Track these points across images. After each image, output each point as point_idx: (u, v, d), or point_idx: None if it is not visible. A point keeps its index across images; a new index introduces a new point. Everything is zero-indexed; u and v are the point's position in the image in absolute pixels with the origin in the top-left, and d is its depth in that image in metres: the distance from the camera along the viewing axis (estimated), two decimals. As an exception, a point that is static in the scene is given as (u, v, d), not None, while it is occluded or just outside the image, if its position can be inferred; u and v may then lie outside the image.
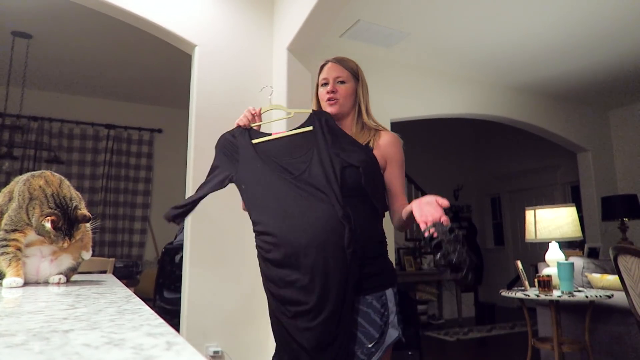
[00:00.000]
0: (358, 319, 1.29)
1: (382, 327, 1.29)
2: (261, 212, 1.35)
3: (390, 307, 1.32)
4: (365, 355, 1.27)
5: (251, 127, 1.51)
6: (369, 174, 1.34)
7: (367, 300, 1.31)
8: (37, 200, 1.07)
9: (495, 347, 4.67)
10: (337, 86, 1.50)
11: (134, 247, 5.64)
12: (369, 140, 1.46)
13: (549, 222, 3.11)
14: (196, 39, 2.87)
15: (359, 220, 1.28)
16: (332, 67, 1.53)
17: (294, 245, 1.24)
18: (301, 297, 1.23)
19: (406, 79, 4.36)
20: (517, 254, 7.29)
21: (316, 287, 1.22)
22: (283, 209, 1.30)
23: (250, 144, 1.43)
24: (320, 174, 1.30)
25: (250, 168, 1.40)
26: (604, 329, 3.02)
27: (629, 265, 2.37)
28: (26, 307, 0.72)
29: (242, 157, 1.43)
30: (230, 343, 2.66)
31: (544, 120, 5.24)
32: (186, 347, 0.40)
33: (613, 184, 5.68)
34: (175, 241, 3.62)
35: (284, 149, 1.41)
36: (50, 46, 4.28)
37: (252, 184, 1.39)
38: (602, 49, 4.19)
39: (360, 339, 1.28)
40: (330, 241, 1.22)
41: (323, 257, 1.22)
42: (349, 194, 1.30)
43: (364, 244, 1.29)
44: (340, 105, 1.49)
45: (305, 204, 1.28)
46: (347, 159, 1.34)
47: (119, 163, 5.70)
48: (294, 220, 1.27)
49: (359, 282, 1.27)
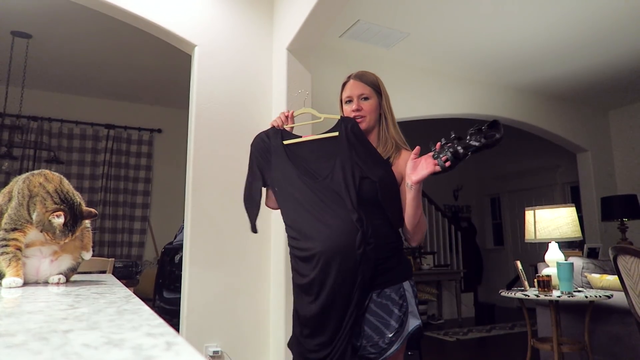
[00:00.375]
0: (378, 311, 1.39)
1: (401, 317, 1.38)
2: (292, 217, 1.48)
3: (409, 298, 1.42)
4: (387, 344, 1.36)
5: (284, 128, 1.61)
6: (385, 188, 1.43)
7: (385, 293, 1.40)
8: (38, 196, 1.07)
9: (494, 348, 4.67)
10: (361, 103, 1.57)
11: (133, 247, 5.63)
12: (390, 155, 1.54)
13: (549, 222, 3.12)
14: (196, 39, 2.86)
15: (374, 224, 1.39)
16: (354, 85, 1.60)
17: (314, 243, 1.38)
18: (314, 289, 1.39)
19: (406, 80, 4.36)
20: (516, 254, 7.29)
21: (327, 284, 1.36)
22: (306, 210, 1.43)
23: (281, 145, 1.55)
24: (341, 180, 1.41)
25: (281, 169, 1.52)
26: (603, 329, 3.03)
27: (628, 265, 2.37)
28: (26, 307, 0.72)
29: (274, 158, 1.55)
30: (229, 343, 2.66)
31: (544, 121, 5.25)
32: (186, 348, 0.40)
33: (612, 184, 5.68)
34: (174, 241, 3.62)
35: (312, 152, 1.52)
36: (49, 46, 4.28)
37: (283, 185, 1.51)
38: (602, 49, 4.20)
39: (380, 329, 1.38)
40: (343, 242, 1.35)
41: (336, 256, 1.34)
42: (366, 202, 1.41)
43: (378, 245, 1.38)
44: (366, 121, 1.57)
45: (324, 207, 1.41)
46: (367, 171, 1.43)
47: (118, 163, 5.70)
48: (314, 221, 1.40)
49: (374, 277, 1.38)
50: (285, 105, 2.81)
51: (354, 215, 1.35)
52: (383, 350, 1.36)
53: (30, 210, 1.06)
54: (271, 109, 3.02)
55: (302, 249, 1.43)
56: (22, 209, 1.06)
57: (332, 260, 1.35)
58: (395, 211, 1.47)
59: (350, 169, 1.42)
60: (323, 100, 3.71)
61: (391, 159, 1.53)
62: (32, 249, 1.09)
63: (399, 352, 1.39)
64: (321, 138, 1.53)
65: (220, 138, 2.84)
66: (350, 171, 1.41)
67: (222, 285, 2.70)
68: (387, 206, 1.44)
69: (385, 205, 1.43)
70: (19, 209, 1.06)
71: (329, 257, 1.35)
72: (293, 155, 1.52)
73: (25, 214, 1.06)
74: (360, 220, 1.35)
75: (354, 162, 1.44)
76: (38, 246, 1.10)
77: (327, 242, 1.36)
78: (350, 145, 1.47)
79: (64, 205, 1.08)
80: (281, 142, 1.55)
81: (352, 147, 1.47)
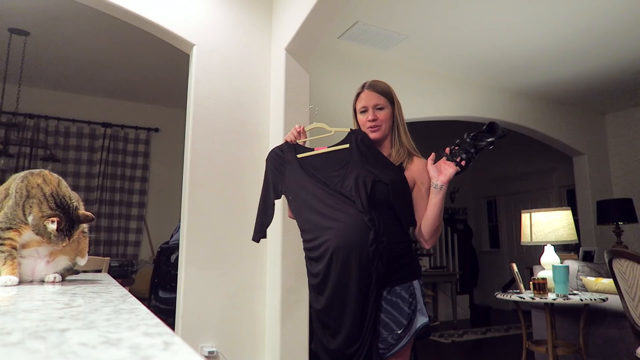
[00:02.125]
0: (388, 308, 1.45)
1: (410, 315, 1.44)
2: (305, 219, 1.56)
3: (418, 296, 1.48)
4: (395, 340, 1.42)
5: (297, 143, 1.70)
6: (397, 191, 1.50)
7: (396, 290, 1.46)
8: (35, 198, 1.06)
9: (489, 350, 4.68)
10: (376, 113, 1.64)
11: (129, 246, 5.62)
12: (403, 162, 1.61)
13: (545, 225, 3.13)
14: (194, 38, 2.86)
15: (386, 223, 1.45)
16: (369, 95, 1.66)
17: (327, 240, 1.45)
18: (327, 284, 1.46)
19: (403, 82, 4.36)
20: (512, 256, 7.31)
21: (341, 280, 1.42)
22: (319, 213, 1.51)
23: (295, 158, 1.64)
24: (352, 185, 1.48)
25: (295, 180, 1.61)
26: (598, 332, 3.04)
27: (623, 269, 2.38)
28: (21, 305, 0.72)
29: (289, 170, 1.64)
30: (225, 343, 2.65)
31: (541, 124, 5.27)
32: (183, 347, 0.40)
33: (608, 188, 5.71)
34: (170, 241, 3.61)
35: (325, 163, 1.61)
36: (47, 43, 4.27)
37: (297, 195, 1.59)
38: (599, 54, 4.22)
39: (390, 325, 1.43)
40: (356, 238, 1.41)
41: (349, 252, 1.41)
42: (378, 205, 1.47)
43: (391, 243, 1.44)
44: (382, 130, 1.64)
45: (337, 209, 1.48)
46: (379, 175, 1.50)
47: (115, 162, 5.68)
48: (327, 221, 1.48)
49: (386, 276, 1.44)
50: (283, 106, 2.81)
51: (365, 217, 1.42)
52: (391, 345, 1.42)
53: (25, 212, 1.05)
54: (269, 110, 3.02)
55: (315, 249, 1.50)
56: (18, 209, 1.05)
57: (346, 256, 1.41)
58: (407, 213, 1.54)
59: (362, 175, 1.49)
60: (321, 101, 3.72)
61: (404, 165, 1.60)
62: (28, 249, 1.09)
63: (406, 349, 1.44)
64: (333, 150, 1.62)
65: (217, 138, 2.84)
66: (362, 177, 1.48)
67: (218, 285, 2.69)
68: (399, 208, 1.50)
69: (397, 207, 1.50)
70: (15, 209, 1.05)
71: (343, 253, 1.42)
72: (306, 166, 1.61)
73: (21, 215, 1.05)
74: (372, 220, 1.42)
75: (366, 168, 1.52)
76: (35, 247, 1.10)
77: (339, 238, 1.43)
78: (361, 154, 1.56)
79: (60, 210, 1.07)
80: (295, 155, 1.64)
81: (362, 155, 1.56)
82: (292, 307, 2.64)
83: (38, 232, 1.05)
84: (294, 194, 1.61)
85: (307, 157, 1.64)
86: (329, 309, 1.47)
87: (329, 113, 3.55)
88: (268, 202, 1.69)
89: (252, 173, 2.88)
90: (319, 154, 1.64)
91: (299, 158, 1.64)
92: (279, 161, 1.67)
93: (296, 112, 2.84)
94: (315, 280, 1.52)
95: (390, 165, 1.58)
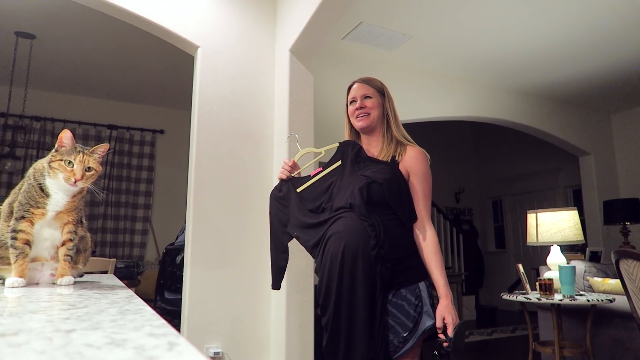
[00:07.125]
0: (394, 311, 1.44)
1: (415, 317, 1.43)
2: (309, 240, 1.56)
3: (424, 298, 1.46)
4: (401, 342, 1.41)
5: (292, 177, 1.68)
6: (392, 190, 1.48)
7: (401, 293, 1.45)
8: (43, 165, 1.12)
9: (496, 351, 4.66)
10: (364, 102, 1.64)
11: (135, 247, 5.64)
12: (396, 154, 1.59)
13: (551, 226, 3.11)
14: (199, 40, 2.87)
15: (386, 225, 1.45)
16: (358, 87, 1.68)
17: (330, 246, 1.45)
18: (332, 289, 1.44)
19: (408, 82, 4.36)
20: (518, 257, 7.28)
21: (344, 284, 1.41)
22: (319, 229, 1.52)
23: (294, 194, 1.64)
24: (347, 196, 1.48)
25: (297, 217, 1.61)
26: (605, 333, 3.02)
27: (630, 269, 2.37)
28: (28, 306, 0.72)
29: (291, 209, 1.64)
30: (230, 344, 2.66)
31: (546, 124, 5.24)
32: (188, 348, 0.40)
33: (615, 188, 5.67)
34: (176, 242, 3.62)
35: (320, 187, 1.61)
36: (53, 47, 4.30)
37: (302, 232, 1.59)
38: (604, 53, 4.19)
39: (396, 328, 1.43)
40: (356, 243, 1.40)
41: (352, 257, 1.40)
42: (376, 206, 1.47)
43: (393, 246, 1.44)
44: (370, 118, 1.62)
45: (335, 220, 1.48)
46: (373, 176, 1.49)
47: (120, 164, 5.71)
48: (328, 232, 1.48)
49: (392, 278, 1.43)
50: (287, 107, 2.81)
51: (365, 223, 1.42)
52: (397, 348, 1.42)
53: (40, 183, 1.08)
54: (273, 111, 3.02)
55: (321, 257, 1.49)
56: (32, 189, 1.08)
57: (349, 260, 1.40)
58: (405, 210, 1.52)
59: (356, 182, 1.49)
60: (325, 102, 3.72)
61: (397, 157, 1.58)
62: (35, 263, 1.11)
63: (413, 350, 1.43)
64: (328, 172, 1.63)
65: (222, 139, 2.84)
66: (356, 184, 1.48)
67: (224, 287, 2.70)
68: (396, 206, 1.49)
69: (394, 205, 1.48)
70: (29, 190, 1.09)
71: (345, 258, 1.40)
72: (305, 199, 1.62)
73: (35, 192, 1.08)
74: (372, 226, 1.42)
75: (359, 176, 1.51)
76: (41, 261, 1.12)
77: (341, 243, 1.42)
78: (352, 164, 1.57)
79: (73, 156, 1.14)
80: (294, 191, 1.64)
81: (354, 164, 1.57)
82: (297, 308, 2.64)
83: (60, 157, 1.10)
84: (299, 232, 1.61)
85: (305, 189, 1.64)
86: (336, 321, 1.40)
87: (333, 114, 3.55)
88: (279, 248, 1.68)
89: (256, 174, 2.88)
90: (315, 181, 1.63)
91: (298, 192, 1.64)
92: (280, 197, 1.68)
93: (300, 113, 2.84)
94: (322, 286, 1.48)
95: (382, 164, 1.56)
